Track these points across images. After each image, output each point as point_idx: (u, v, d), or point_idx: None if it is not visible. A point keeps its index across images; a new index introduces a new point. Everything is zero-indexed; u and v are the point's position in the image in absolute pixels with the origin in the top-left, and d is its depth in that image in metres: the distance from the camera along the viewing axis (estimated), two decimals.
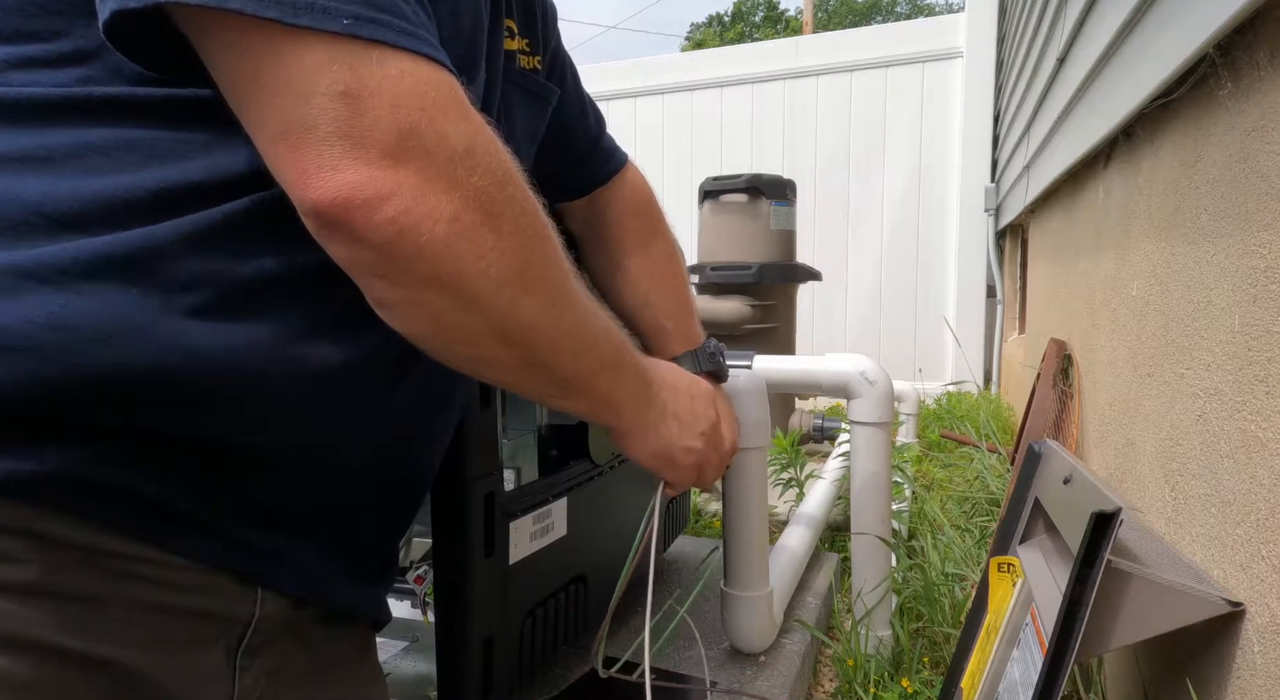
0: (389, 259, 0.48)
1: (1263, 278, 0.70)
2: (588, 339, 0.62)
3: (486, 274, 0.51)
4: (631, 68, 5.75)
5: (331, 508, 0.61)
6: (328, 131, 0.45)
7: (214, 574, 0.54)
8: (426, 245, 0.48)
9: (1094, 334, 1.55)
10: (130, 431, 0.49)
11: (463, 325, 0.53)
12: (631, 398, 0.72)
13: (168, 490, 0.51)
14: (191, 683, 0.53)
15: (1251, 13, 0.75)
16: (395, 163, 0.46)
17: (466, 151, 0.49)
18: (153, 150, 0.51)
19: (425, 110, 0.47)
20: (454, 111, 0.49)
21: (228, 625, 0.56)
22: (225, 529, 0.54)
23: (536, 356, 0.58)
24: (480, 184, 0.50)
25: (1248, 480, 0.70)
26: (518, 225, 0.53)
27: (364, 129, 0.45)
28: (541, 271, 0.55)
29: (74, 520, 0.47)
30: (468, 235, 0.49)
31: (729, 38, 31.55)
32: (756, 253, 2.97)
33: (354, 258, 0.49)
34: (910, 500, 2.07)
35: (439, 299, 0.50)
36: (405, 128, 0.46)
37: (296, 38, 0.45)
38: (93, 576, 0.48)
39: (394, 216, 0.46)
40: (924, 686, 1.19)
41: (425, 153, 0.47)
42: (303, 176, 0.46)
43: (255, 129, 0.48)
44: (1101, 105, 1.53)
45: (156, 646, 0.51)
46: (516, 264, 0.53)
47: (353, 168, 0.45)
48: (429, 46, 0.49)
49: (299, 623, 0.61)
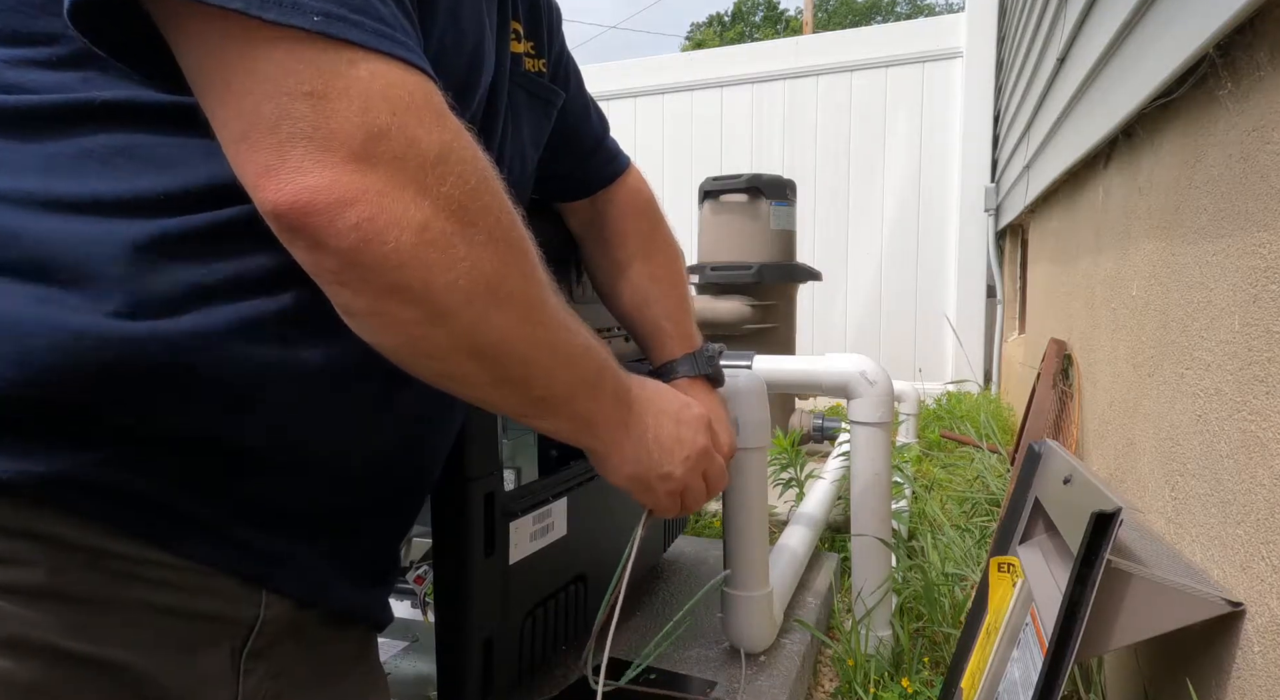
0: (352, 266, 0.46)
1: (1263, 278, 0.70)
2: (562, 357, 0.60)
3: (455, 286, 0.49)
4: (631, 68, 5.75)
5: (335, 510, 0.61)
6: (291, 132, 0.44)
7: (219, 576, 0.54)
8: (391, 254, 0.46)
9: (1094, 334, 1.55)
10: (135, 433, 0.49)
11: (430, 338, 0.51)
12: (607, 420, 0.69)
13: (172, 492, 0.51)
14: (195, 685, 0.53)
15: (1251, 13, 0.75)
16: (362, 166, 0.44)
17: (439, 158, 0.47)
18: (153, 156, 0.51)
19: (396, 114, 0.46)
20: (427, 116, 0.48)
21: (232, 627, 0.56)
22: (229, 531, 0.54)
23: (508, 374, 0.56)
24: (452, 192, 0.48)
25: (1248, 480, 0.70)
26: (491, 236, 0.51)
27: (330, 131, 0.44)
28: (515, 285, 0.53)
29: (79, 522, 0.47)
30: (437, 244, 0.47)
31: (729, 38, 31.55)
32: (756, 253, 2.97)
33: (317, 264, 0.47)
34: (910, 500, 2.07)
35: (404, 310, 0.49)
36: (374, 131, 0.45)
37: (262, 33, 0.43)
38: (98, 579, 0.48)
39: (357, 223, 0.45)
40: (924, 686, 1.19)
41: (394, 157, 0.45)
42: (263, 178, 0.44)
43: (219, 126, 0.46)
44: (1101, 105, 1.53)
45: (161, 649, 0.51)
46: (489, 276, 0.51)
47: (315, 170, 0.44)
48: (403, 48, 0.48)
49: (303, 625, 0.61)
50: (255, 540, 0.55)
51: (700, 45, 28.01)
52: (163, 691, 0.51)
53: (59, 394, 0.46)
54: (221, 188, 0.51)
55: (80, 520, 0.47)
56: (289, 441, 0.55)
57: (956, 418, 3.24)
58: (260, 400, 0.52)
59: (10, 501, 0.45)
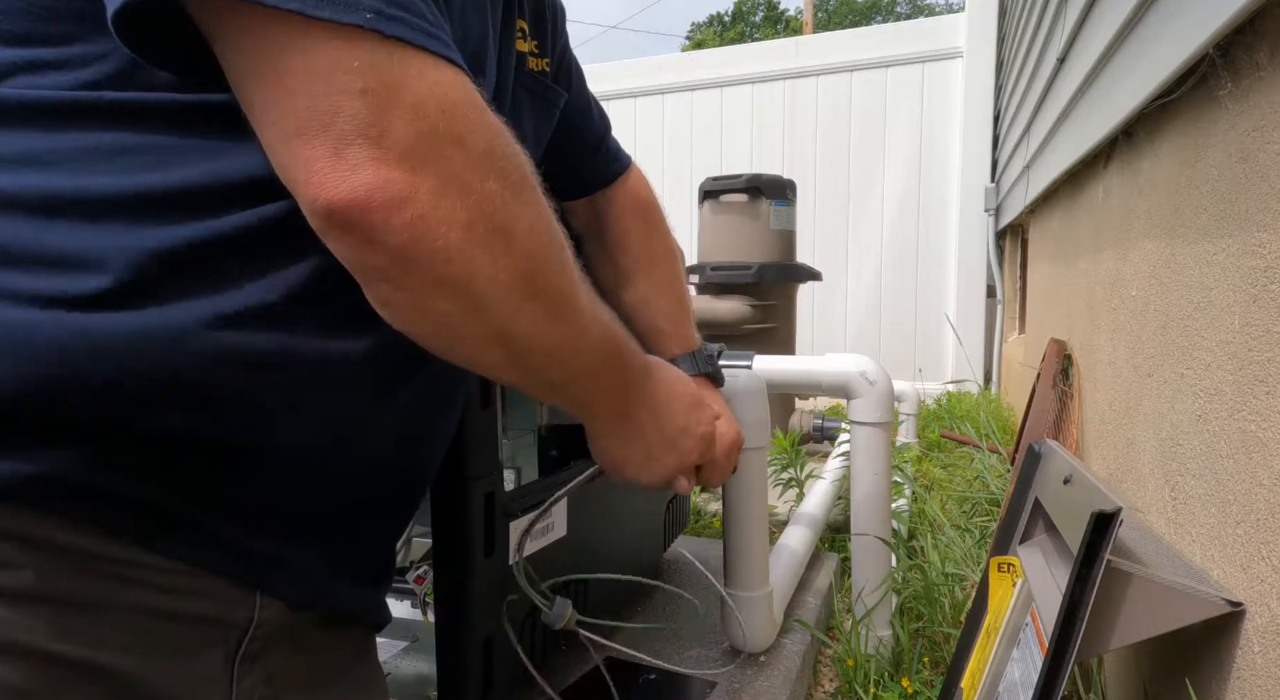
0: (400, 262, 0.47)
1: (1263, 278, 0.70)
2: (579, 347, 0.61)
3: (496, 280, 0.50)
4: (631, 68, 5.75)
5: (331, 509, 0.61)
6: (346, 130, 0.44)
7: (212, 579, 0.53)
8: (440, 251, 0.47)
9: (1094, 334, 1.55)
10: (126, 432, 0.48)
11: (465, 327, 0.52)
12: (606, 406, 0.71)
13: (164, 494, 0.50)
14: (188, 688, 0.53)
15: (1251, 13, 0.75)
16: (414, 166, 0.45)
17: (484, 155, 0.49)
18: (161, 155, 0.50)
19: (445, 112, 0.47)
20: (472, 114, 0.49)
21: (226, 630, 0.55)
22: (222, 533, 0.53)
23: (528, 361, 0.57)
24: (495, 189, 0.49)
25: (1248, 480, 0.70)
26: (531, 231, 0.52)
27: (383, 129, 0.44)
28: (549, 279, 0.54)
29: (69, 524, 0.47)
30: (481, 241, 0.48)
31: (729, 38, 31.56)
32: (756, 253, 2.97)
33: (364, 260, 0.48)
34: (910, 500, 2.07)
35: (445, 303, 0.50)
36: (425, 130, 0.45)
37: (317, 30, 0.44)
38: (89, 582, 0.47)
39: (411, 220, 0.45)
40: (924, 686, 1.19)
41: (443, 157, 0.46)
42: (317, 175, 0.45)
43: (266, 125, 0.47)
44: (1101, 105, 1.53)
45: (154, 652, 0.50)
46: (526, 271, 0.52)
47: (371, 168, 0.44)
48: (447, 48, 0.48)
49: (298, 627, 0.61)
50: (248, 542, 0.55)
51: (700, 45, 28.01)
52: (155, 695, 0.50)
53: (41, 391, 0.45)
54: (222, 190, 0.51)
55: (70, 522, 0.47)
56: (284, 438, 0.55)
57: (956, 418, 3.24)
58: (256, 395, 0.52)
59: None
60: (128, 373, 0.47)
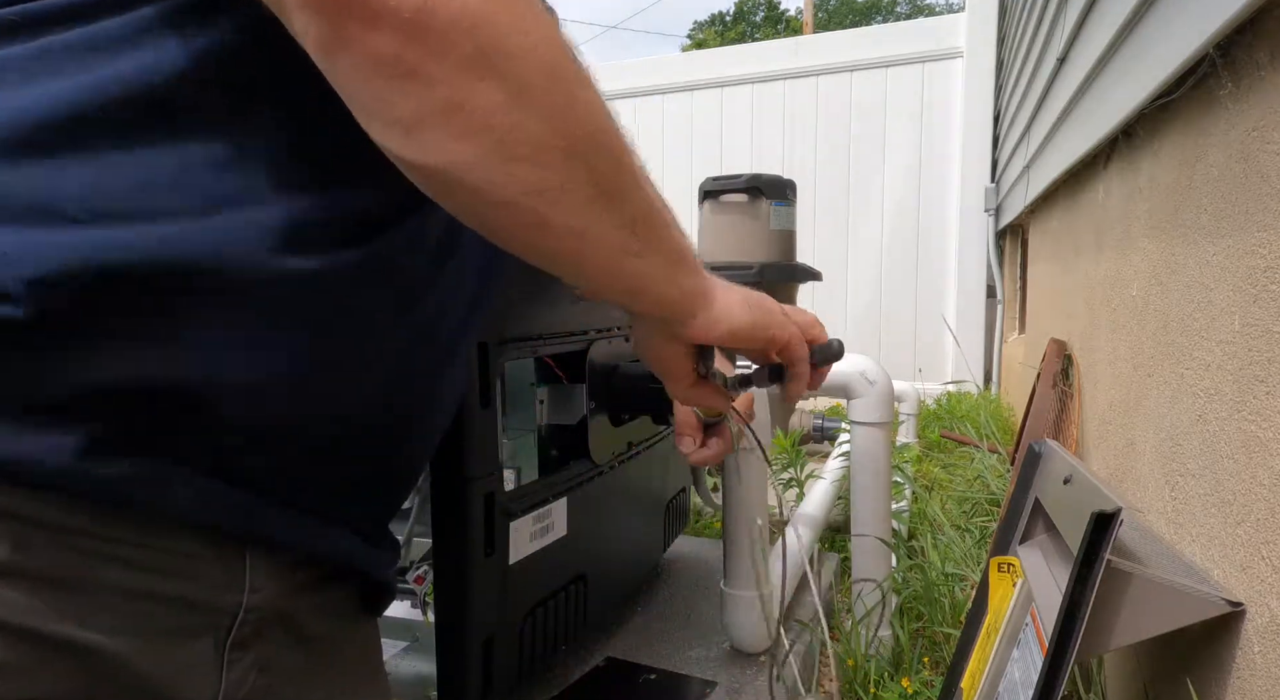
0: (417, 37, 0.39)
1: (1263, 278, 0.70)
2: (641, 172, 0.52)
3: (535, 52, 0.42)
4: (631, 68, 5.75)
5: (318, 478, 0.57)
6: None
7: (195, 558, 0.51)
8: (460, 13, 0.39)
9: (1094, 334, 1.55)
10: (88, 381, 0.44)
11: (521, 127, 0.43)
12: (695, 261, 0.59)
13: (139, 452, 0.46)
14: (176, 674, 0.51)
15: (1251, 13, 0.75)
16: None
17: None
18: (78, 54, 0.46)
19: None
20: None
21: (214, 616, 0.53)
22: (206, 484, 0.50)
23: (603, 176, 0.48)
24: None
25: (1248, 480, 0.70)
26: (550, 12, 0.45)
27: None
28: (580, 68, 0.46)
29: (36, 495, 0.44)
30: (504, 2, 0.41)
31: (730, 38, 31.56)
32: (757, 253, 2.96)
33: (371, 49, 0.40)
34: (910, 500, 2.07)
35: (486, 90, 0.41)
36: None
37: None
38: (65, 558, 0.45)
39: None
40: (924, 686, 1.19)
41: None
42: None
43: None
44: (1102, 105, 1.53)
45: (138, 634, 0.49)
46: (561, 48, 0.44)
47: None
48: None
49: (292, 613, 0.59)
50: (236, 495, 0.51)
51: (701, 45, 27.99)
52: (142, 679, 0.49)
53: None
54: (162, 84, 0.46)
55: (37, 493, 0.44)
56: (269, 373, 0.50)
57: (956, 418, 3.24)
58: (237, 307, 0.47)
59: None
60: (84, 293, 0.42)
